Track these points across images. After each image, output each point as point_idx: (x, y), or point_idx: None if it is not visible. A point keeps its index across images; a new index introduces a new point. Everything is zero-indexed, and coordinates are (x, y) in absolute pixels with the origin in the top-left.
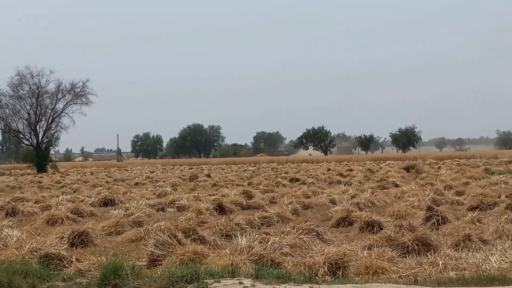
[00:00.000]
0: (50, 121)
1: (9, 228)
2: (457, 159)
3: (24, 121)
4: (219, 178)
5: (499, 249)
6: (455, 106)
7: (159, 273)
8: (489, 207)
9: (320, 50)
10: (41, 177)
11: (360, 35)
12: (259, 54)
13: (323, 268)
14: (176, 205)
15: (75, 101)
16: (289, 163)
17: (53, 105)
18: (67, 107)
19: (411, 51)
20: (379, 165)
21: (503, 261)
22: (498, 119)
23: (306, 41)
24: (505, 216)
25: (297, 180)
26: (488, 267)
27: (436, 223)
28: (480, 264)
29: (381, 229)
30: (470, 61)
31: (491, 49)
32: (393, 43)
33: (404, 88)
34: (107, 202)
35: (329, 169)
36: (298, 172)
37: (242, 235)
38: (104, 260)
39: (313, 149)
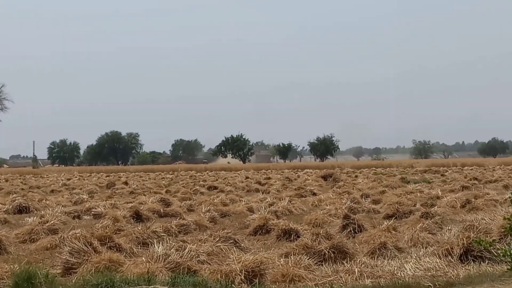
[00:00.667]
0: None
1: None
2: (374, 168)
3: None
4: (137, 185)
5: (414, 256)
6: (372, 116)
7: (73, 281)
8: (404, 215)
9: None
10: None
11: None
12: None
13: (240, 276)
14: (93, 212)
15: None
16: (207, 171)
17: None
18: None
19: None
20: (297, 173)
21: (418, 268)
22: (414, 129)
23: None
24: (420, 224)
25: (215, 188)
26: (403, 275)
27: (352, 231)
28: (395, 272)
29: (298, 237)
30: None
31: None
32: None
33: (324, 98)
34: (22, 210)
35: (247, 177)
36: (217, 180)
37: (159, 243)
38: (17, 268)
39: (232, 157)
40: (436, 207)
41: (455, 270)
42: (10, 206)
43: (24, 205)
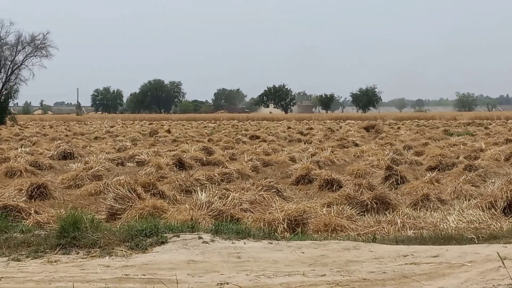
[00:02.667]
0: (9, 73)
1: None
2: (416, 120)
3: None
4: (179, 134)
5: (457, 209)
6: (416, 68)
7: (118, 226)
8: (447, 167)
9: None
10: None
11: None
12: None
13: (283, 224)
14: (136, 160)
15: (35, 54)
16: (249, 121)
17: (12, 57)
18: (27, 59)
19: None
20: (339, 124)
21: (461, 220)
22: (458, 81)
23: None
24: (463, 176)
25: (257, 137)
26: (445, 227)
27: (395, 183)
28: (438, 223)
29: (341, 187)
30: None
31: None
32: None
33: (367, 49)
34: (66, 156)
35: (289, 127)
36: (259, 129)
37: (202, 191)
38: (63, 213)
39: (274, 107)
40: (479, 159)
41: (498, 223)
42: (55, 152)
43: (68, 151)
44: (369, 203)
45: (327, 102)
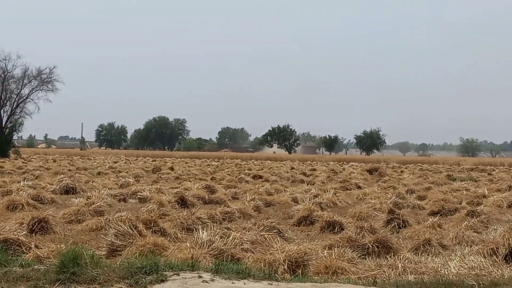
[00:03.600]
0: (14, 106)
1: None
2: (420, 164)
3: None
4: (182, 171)
5: (458, 254)
6: (421, 112)
7: (118, 263)
8: (449, 212)
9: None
10: (2, 162)
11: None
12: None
13: (283, 265)
14: (138, 196)
15: (41, 87)
16: (253, 160)
17: (18, 90)
18: (32, 93)
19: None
20: (342, 166)
21: (462, 267)
22: (462, 126)
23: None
24: (465, 222)
25: (260, 177)
26: (446, 272)
27: (397, 226)
28: (439, 269)
29: (342, 229)
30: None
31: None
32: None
33: (372, 91)
34: (69, 190)
35: (292, 168)
36: (262, 169)
37: (203, 229)
38: (64, 248)
39: (278, 147)
40: (482, 206)
41: (499, 270)
42: (58, 187)
43: (71, 186)
44: (371, 246)
45: (331, 143)
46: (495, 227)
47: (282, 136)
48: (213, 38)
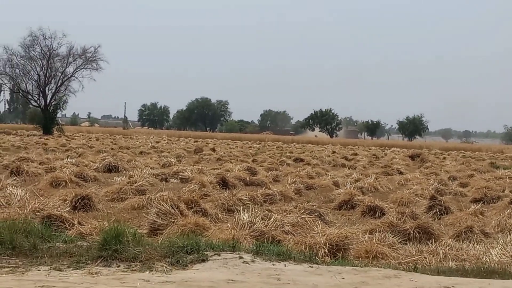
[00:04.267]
0: (59, 84)
1: (13, 187)
2: (462, 151)
3: (33, 82)
4: (224, 153)
5: (501, 242)
6: (465, 98)
7: (160, 242)
8: (492, 200)
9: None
10: (46, 139)
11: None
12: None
13: (324, 249)
14: (180, 176)
15: (86, 66)
16: (294, 143)
17: (63, 68)
18: (77, 71)
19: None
20: (384, 151)
21: (504, 255)
22: (507, 113)
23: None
24: (508, 210)
25: (302, 160)
26: (488, 260)
27: (438, 213)
28: (481, 256)
29: (383, 214)
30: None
31: None
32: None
33: (416, 75)
34: (111, 169)
35: (334, 152)
36: (303, 152)
37: (244, 211)
38: (106, 225)
39: (319, 131)
40: None
41: None
42: (100, 165)
43: (113, 164)
44: (412, 232)
45: (373, 128)
46: None
47: (324, 120)
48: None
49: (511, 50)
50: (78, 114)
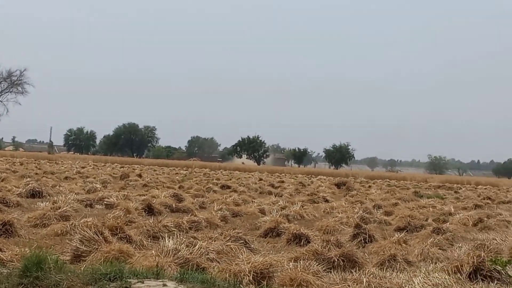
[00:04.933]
0: None
1: None
2: (387, 180)
3: None
4: (150, 179)
5: (423, 271)
6: (390, 128)
7: (82, 269)
8: (416, 229)
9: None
10: None
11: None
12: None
13: (248, 276)
14: (105, 202)
15: (11, 90)
16: (221, 170)
17: None
18: (1, 95)
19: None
20: (311, 179)
21: (426, 283)
22: (430, 144)
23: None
24: (431, 239)
25: (228, 187)
26: None
27: (363, 241)
28: (403, 285)
29: (309, 242)
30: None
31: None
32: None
33: (342, 105)
34: (35, 194)
35: (260, 179)
36: (230, 179)
37: (170, 238)
38: (27, 252)
39: (247, 158)
40: (448, 223)
41: None
42: (24, 190)
43: (37, 189)
44: (336, 260)
45: (300, 156)
46: (460, 245)
47: (251, 147)
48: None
49: (438, 84)
50: (2, 138)
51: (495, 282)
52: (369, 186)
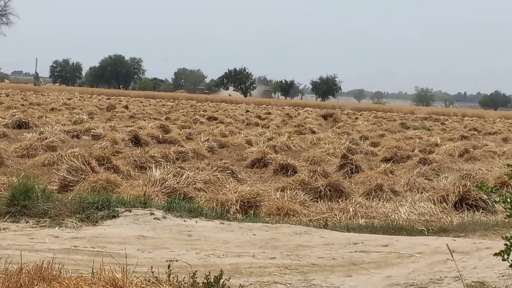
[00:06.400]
0: None
1: None
2: (374, 112)
3: None
4: (137, 110)
5: (409, 201)
6: (378, 61)
7: (70, 198)
8: (402, 160)
9: None
10: None
11: None
12: None
13: (235, 206)
14: (92, 133)
15: None
16: (208, 102)
17: None
18: None
19: None
20: (297, 111)
21: (412, 212)
22: (418, 76)
23: None
24: (417, 169)
25: (215, 119)
26: (397, 217)
27: (349, 171)
28: (390, 214)
29: (296, 172)
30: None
31: None
32: None
33: (331, 38)
34: (21, 125)
35: (247, 111)
36: (217, 111)
37: (157, 168)
38: (15, 181)
39: (234, 90)
40: (434, 154)
41: (449, 217)
42: (10, 121)
43: (23, 120)
44: (323, 190)
45: (286, 88)
46: (446, 175)
47: (238, 79)
48: None
49: (427, 19)
50: None
51: (481, 211)
52: (356, 118)
